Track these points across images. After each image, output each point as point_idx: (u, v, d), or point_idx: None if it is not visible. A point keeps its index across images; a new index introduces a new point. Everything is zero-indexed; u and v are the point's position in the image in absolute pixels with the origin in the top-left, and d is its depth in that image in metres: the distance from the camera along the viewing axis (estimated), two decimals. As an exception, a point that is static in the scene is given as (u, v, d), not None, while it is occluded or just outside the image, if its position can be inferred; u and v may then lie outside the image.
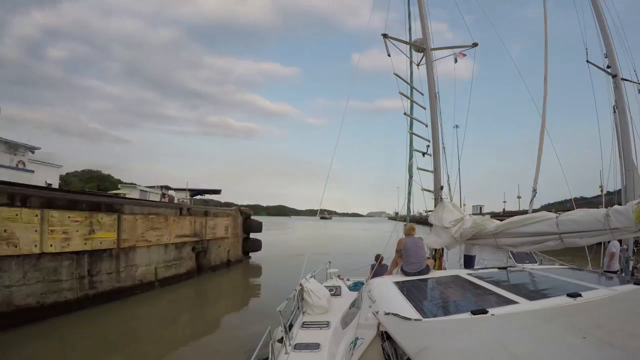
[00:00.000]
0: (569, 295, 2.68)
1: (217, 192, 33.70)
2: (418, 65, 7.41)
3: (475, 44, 7.47)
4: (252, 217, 20.90)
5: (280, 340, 3.95)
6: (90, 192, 19.47)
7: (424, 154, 6.96)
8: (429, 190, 6.74)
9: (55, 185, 18.69)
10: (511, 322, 2.19)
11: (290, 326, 4.59)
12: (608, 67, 7.88)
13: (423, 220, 15.54)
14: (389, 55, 7.03)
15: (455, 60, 7.57)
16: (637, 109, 8.10)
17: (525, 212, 6.29)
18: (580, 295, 2.66)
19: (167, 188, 28.98)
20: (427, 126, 7.10)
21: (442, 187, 6.70)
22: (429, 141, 6.95)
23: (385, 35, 6.99)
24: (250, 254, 19.95)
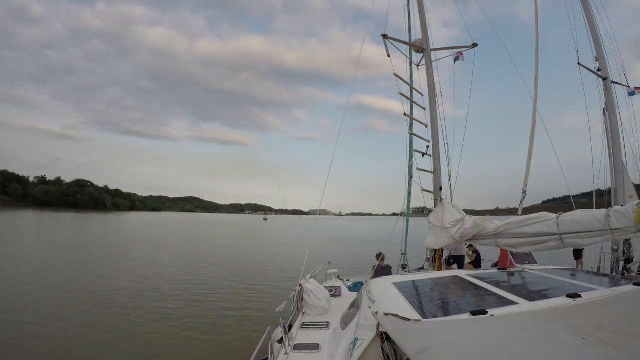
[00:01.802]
0: (569, 296, 2.67)
1: None
2: (418, 65, 7.41)
3: (475, 45, 7.47)
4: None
5: (280, 341, 3.95)
6: None
7: (423, 154, 6.95)
8: (429, 191, 6.73)
9: None
10: (511, 323, 2.18)
11: (290, 327, 4.58)
12: (599, 70, 7.94)
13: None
14: (388, 56, 7.03)
15: (455, 60, 7.56)
16: (626, 111, 8.23)
17: (514, 211, 6.29)
18: (579, 296, 2.65)
19: None
20: (427, 127, 7.09)
21: (441, 188, 6.69)
22: (429, 141, 6.95)
23: (385, 36, 6.99)
24: None
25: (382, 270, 6.63)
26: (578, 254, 8.23)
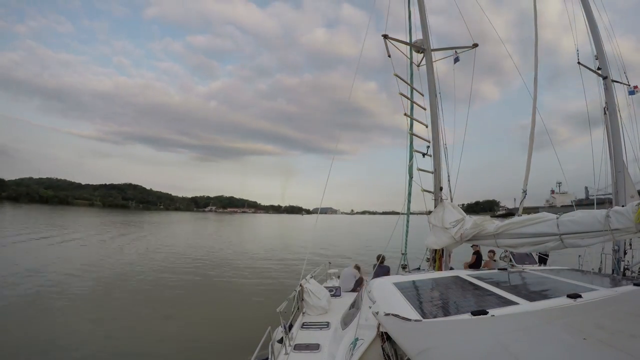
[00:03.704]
0: (569, 296, 2.67)
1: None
2: (418, 65, 7.41)
3: (475, 45, 7.46)
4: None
5: (280, 341, 3.96)
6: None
7: (424, 154, 6.95)
8: (429, 191, 6.73)
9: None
10: (511, 323, 2.18)
11: (290, 326, 4.59)
12: (599, 68, 7.90)
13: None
14: (389, 56, 7.03)
15: (455, 61, 7.55)
16: (626, 110, 8.21)
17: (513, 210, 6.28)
18: (580, 296, 2.66)
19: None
20: (427, 127, 7.09)
21: (441, 188, 6.69)
22: (429, 142, 6.95)
23: (385, 36, 6.99)
24: None
25: (380, 270, 6.68)
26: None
